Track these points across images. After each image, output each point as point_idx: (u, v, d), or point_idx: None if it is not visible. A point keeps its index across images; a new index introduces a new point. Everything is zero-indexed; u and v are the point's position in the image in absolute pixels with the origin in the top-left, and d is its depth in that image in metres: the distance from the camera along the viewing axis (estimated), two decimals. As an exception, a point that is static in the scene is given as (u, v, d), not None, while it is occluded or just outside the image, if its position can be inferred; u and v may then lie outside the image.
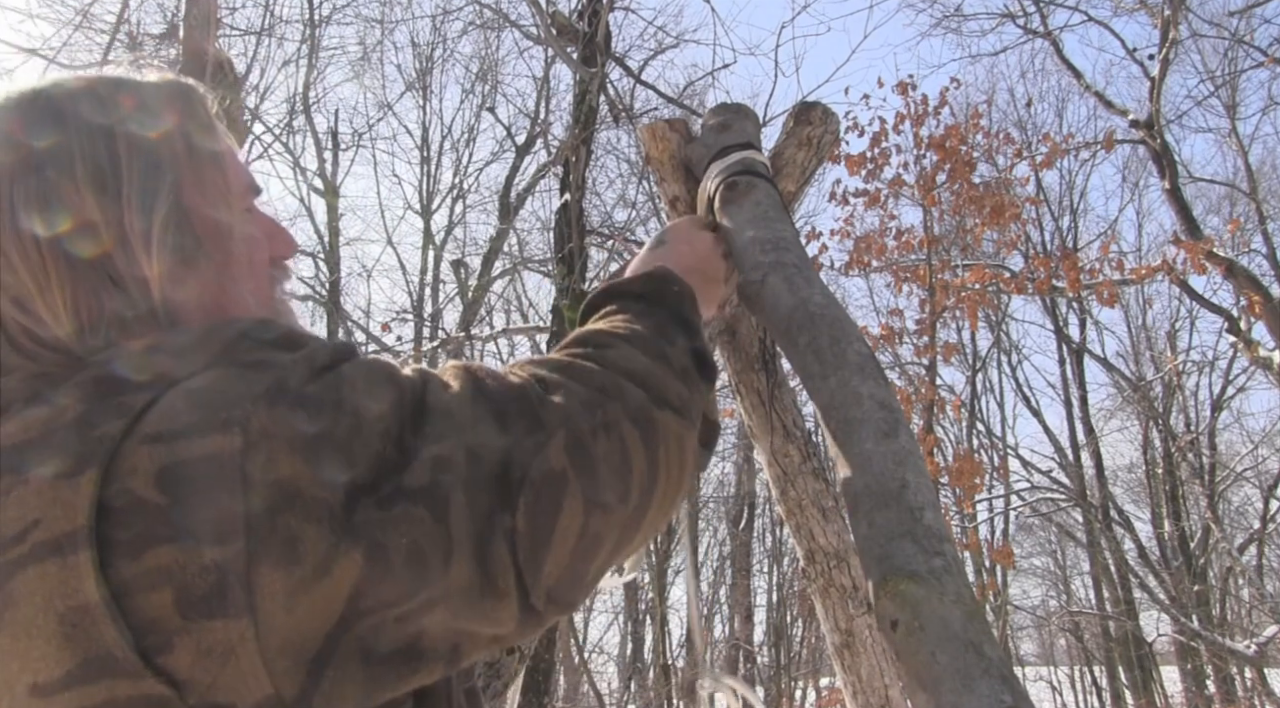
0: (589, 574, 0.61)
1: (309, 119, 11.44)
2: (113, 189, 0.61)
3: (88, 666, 0.47)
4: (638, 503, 0.62)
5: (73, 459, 0.49)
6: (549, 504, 0.56)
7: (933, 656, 0.64)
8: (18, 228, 0.58)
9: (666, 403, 0.67)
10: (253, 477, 0.48)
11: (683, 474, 0.68)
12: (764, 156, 1.17)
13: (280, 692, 0.48)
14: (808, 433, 1.62)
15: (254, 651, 0.47)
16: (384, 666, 0.52)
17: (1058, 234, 14.93)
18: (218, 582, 0.47)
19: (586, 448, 0.59)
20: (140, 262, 0.61)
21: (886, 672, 1.49)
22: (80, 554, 0.47)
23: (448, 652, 0.56)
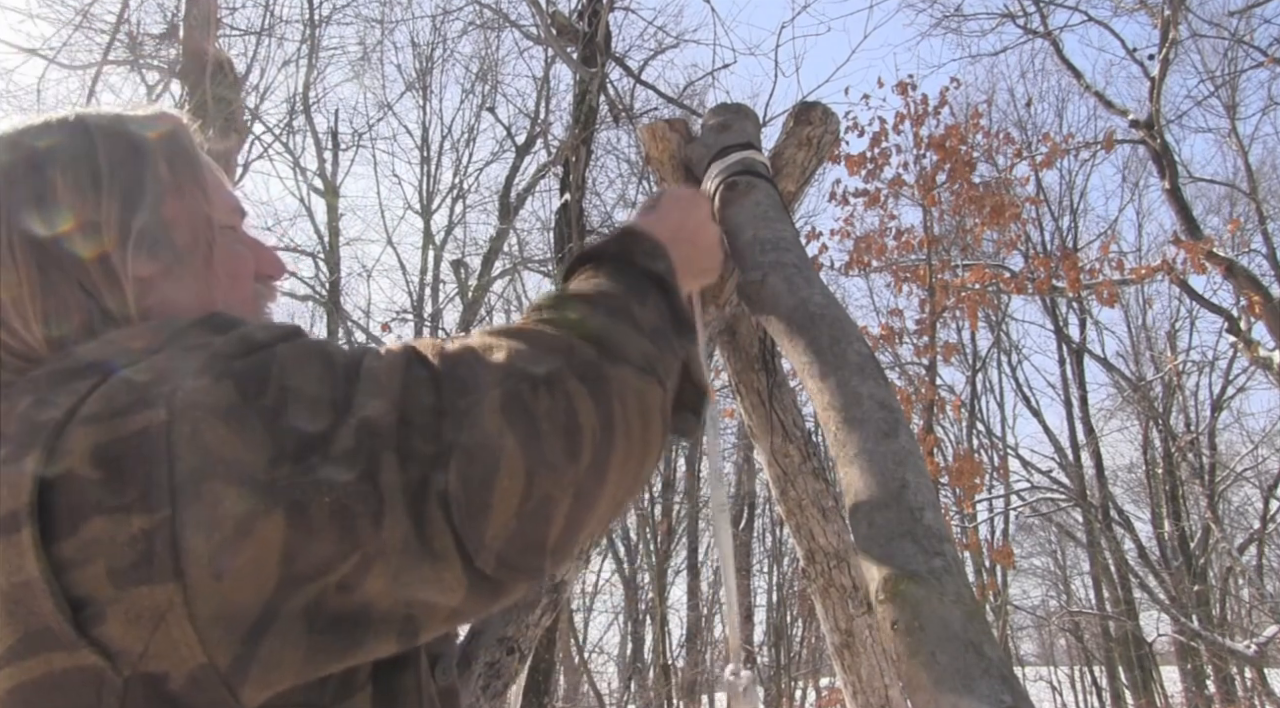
0: (548, 538, 0.57)
1: (309, 119, 11.44)
2: (92, 200, 0.63)
3: (27, 640, 0.48)
4: (592, 462, 0.59)
5: (19, 445, 0.50)
6: (484, 465, 0.54)
7: (933, 656, 0.64)
8: (17, 228, 0.61)
9: (624, 359, 0.64)
10: (177, 447, 0.49)
11: (649, 433, 0.64)
12: (764, 157, 1.17)
13: (214, 661, 0.48)
14: (808, 433, 1.62)
15: (183, 617, 0.48)
16: (329, 635, 0.51)
17: (1058, 234, 14.93)
18: (145, 550, 0.48)
19: (526, 406, 0.57)
20: (117, 270, 0.63)
21: (886, 672, 1.49)
22: (22, 532, 0.48)
23: (400, 623, 0.54)
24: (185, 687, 0.48)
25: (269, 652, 0.49)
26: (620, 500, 0.64)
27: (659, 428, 0.66)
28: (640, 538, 14.69)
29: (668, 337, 0.70)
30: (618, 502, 0.63)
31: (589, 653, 13.36)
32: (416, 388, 0.55)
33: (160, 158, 0.68)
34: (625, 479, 0.63)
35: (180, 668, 0.48)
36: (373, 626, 0.53)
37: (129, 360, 0.54)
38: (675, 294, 0.75)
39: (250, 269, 0.74)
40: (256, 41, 7.30)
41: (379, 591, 0.52)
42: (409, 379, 0.56)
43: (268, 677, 0.50)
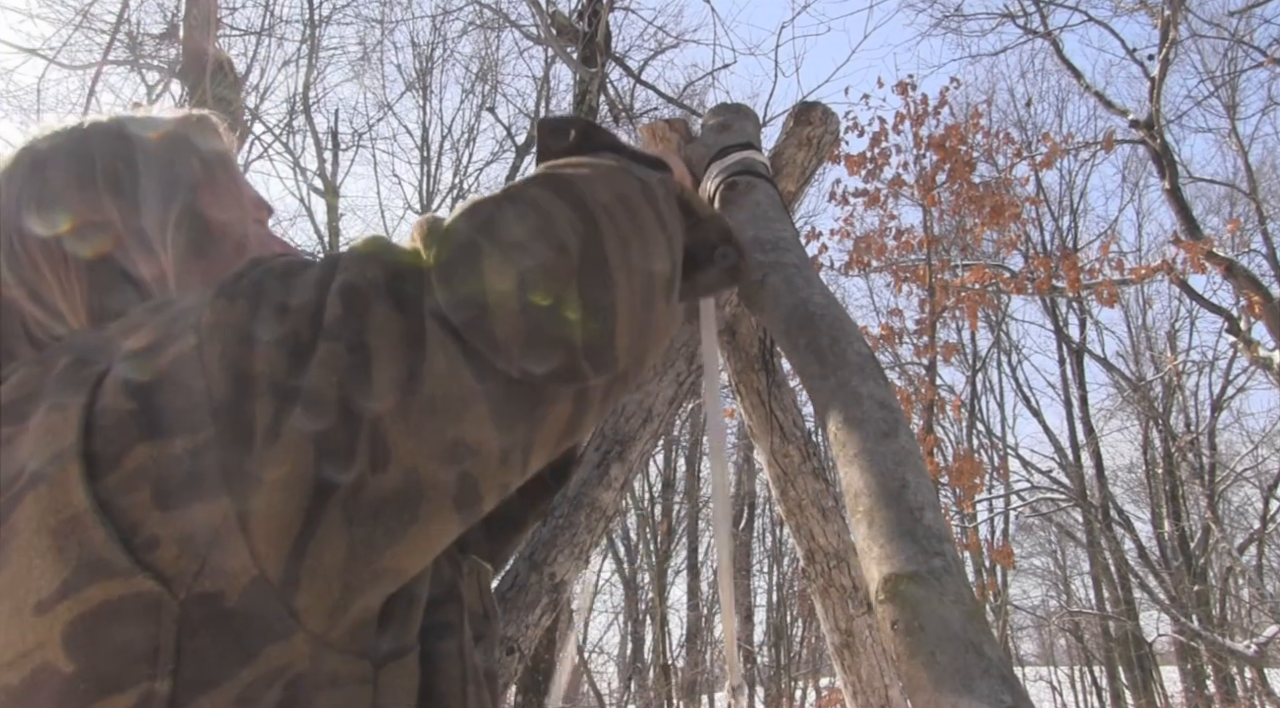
0: (570, 333, 0.55)
1: (309, 119, 11.44)
2: (128, 191, 0.66)
3: (80, 572, 0.49)
4: (582, 249, 0.57)
5: (63, 394, 0.52)
6: (465, 268, 0.54)
7: (932, 656, 0.64)
8: (35, 226, 0.64)
9: (582, 166, 0.63)
10: (210, 367, 0.50)
11: (638, 218, 0.62)
12: (764, 157, 1.17)
13: (266, 573, 0.49)
14: (807, 433, 1.62)
15: (235, 530, 0.48)
16: (375, 521, 0.50)
17: (1058, 234, 14.94)
18: (191, 469, 0.49)
19: (491, 218, 0.56)
20: (155, 258, 0.66)
21: (886, 672, 1.49)
22: (68, 469, 0.49)
23: (455, 485, 0.52)
24: (240, 603, 0.49)
25: (314, 557, 0.50)
26: (644, 301, 0.61)
27: (649, 216, 0.63)
28: (640, 538, 14.69)
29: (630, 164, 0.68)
30: (640, 301, 0.60)
31: (589, 653, 13.36)
32: (393, 248, 0.56)
33: (191, 154, 0.72)
34: (634, 271, 0.60)
35: (234, 584, 0.49)
36: (425, 496, 0.52)
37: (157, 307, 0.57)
38: (625, 148, 0.73)
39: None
40: (256, 41, 7.30)
41: (412, 450, 0.51)
42: (387, 245, 0.57)
43: (317, 584, 0.50)
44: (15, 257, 0.64)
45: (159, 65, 6.35)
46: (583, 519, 1.55)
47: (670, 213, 0.67)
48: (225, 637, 0.49)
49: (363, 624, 0.53)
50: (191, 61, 4.58)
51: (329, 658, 0.51)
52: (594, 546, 1.61)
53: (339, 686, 0.52)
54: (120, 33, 5.51)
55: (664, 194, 0.68)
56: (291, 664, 0.50)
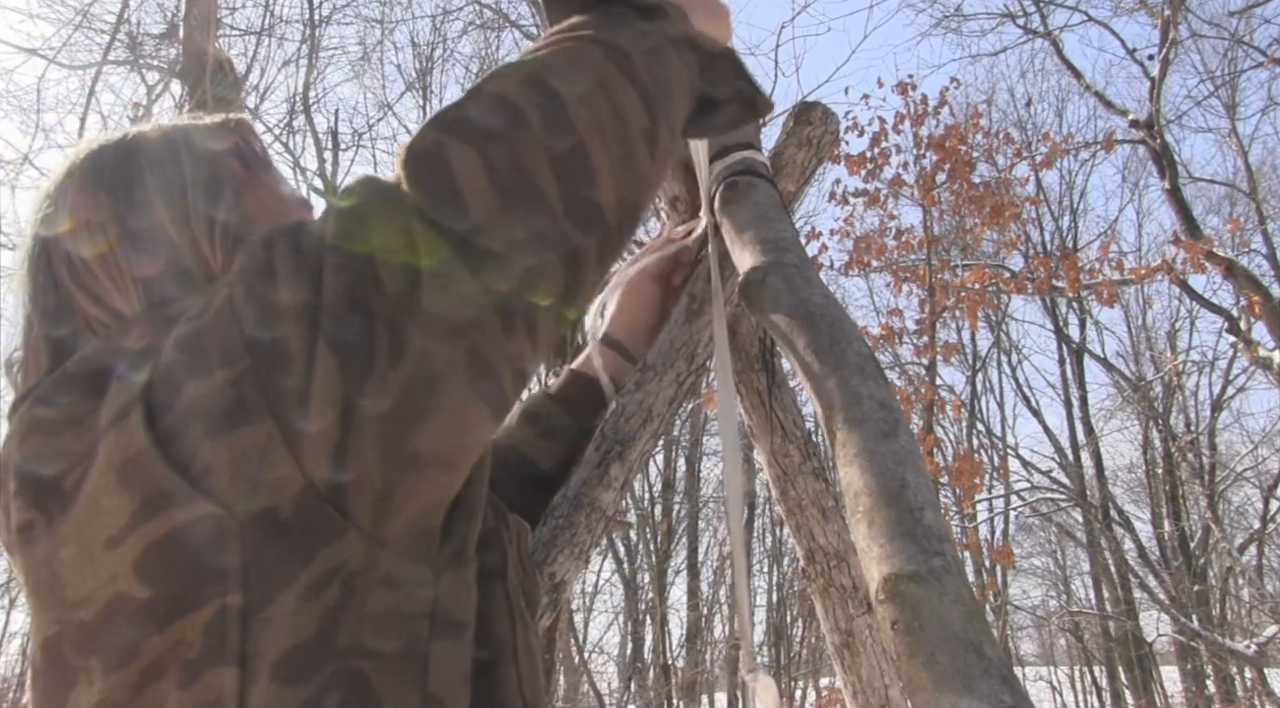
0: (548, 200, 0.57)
1: (309, 119, 11.43)
2: (179, 195, 0.71)
3: (147, 506, 0.53)
4: (547, 121, 0.59)
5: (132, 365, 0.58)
6: (433, 161, 0.57)
7: (932, 656, 0.64)
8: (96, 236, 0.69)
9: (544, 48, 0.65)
10: (239, 307, 0.55)
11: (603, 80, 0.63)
12: (764, 157, 1.17)
13: (312, 480, 0.53)
14: (807, 433, 1.62)
15: (282, 446, 0.53)
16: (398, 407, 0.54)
17: (1058, 234, 14.94)
18: (235, 396, 0.53)
19: (448, 115, 0.60)
20: (206, 253, 0.71)
21: (886, 672, 1.49)
22: (131, 415, 0.55)
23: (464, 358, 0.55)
24: (294, 514, 0.53)
25: (354, 452, 0.53)
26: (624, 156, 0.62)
27: (615, 74, 0.64)
28: (640, 538, 14.69)
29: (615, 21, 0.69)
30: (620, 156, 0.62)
31: (589, 653, 13.36)
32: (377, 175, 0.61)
33: (232, 156, 0.76)
34: (607, 129, 0.61)
35: (285, 496, 0.53)
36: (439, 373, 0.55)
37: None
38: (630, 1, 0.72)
39: None
40: (256, 41, 7.30)
41: (420, 334, 0.54)
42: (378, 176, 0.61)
43: (359, 479, 0.54)
44: (73, 265, 0.69)
45: (159, 65, 6.35)
46: (583, 519, 1.55)
47: (649, 63, 0.67)
48: (284, 545, 0.53)
49: (423, 530, 0.57)
50: (191, 61, 4.58)
51: (384, 558, 0.55)
52: (594, 545, 1.61)
53: (395, 586, 0.55)
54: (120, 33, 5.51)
55: (644, 46, 0.68)
56: (346, 563, 0.54)
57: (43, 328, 0.69)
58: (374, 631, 0.54)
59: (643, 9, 0.72)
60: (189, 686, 0.52)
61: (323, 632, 0.53)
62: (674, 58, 0.71)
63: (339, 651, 0.53)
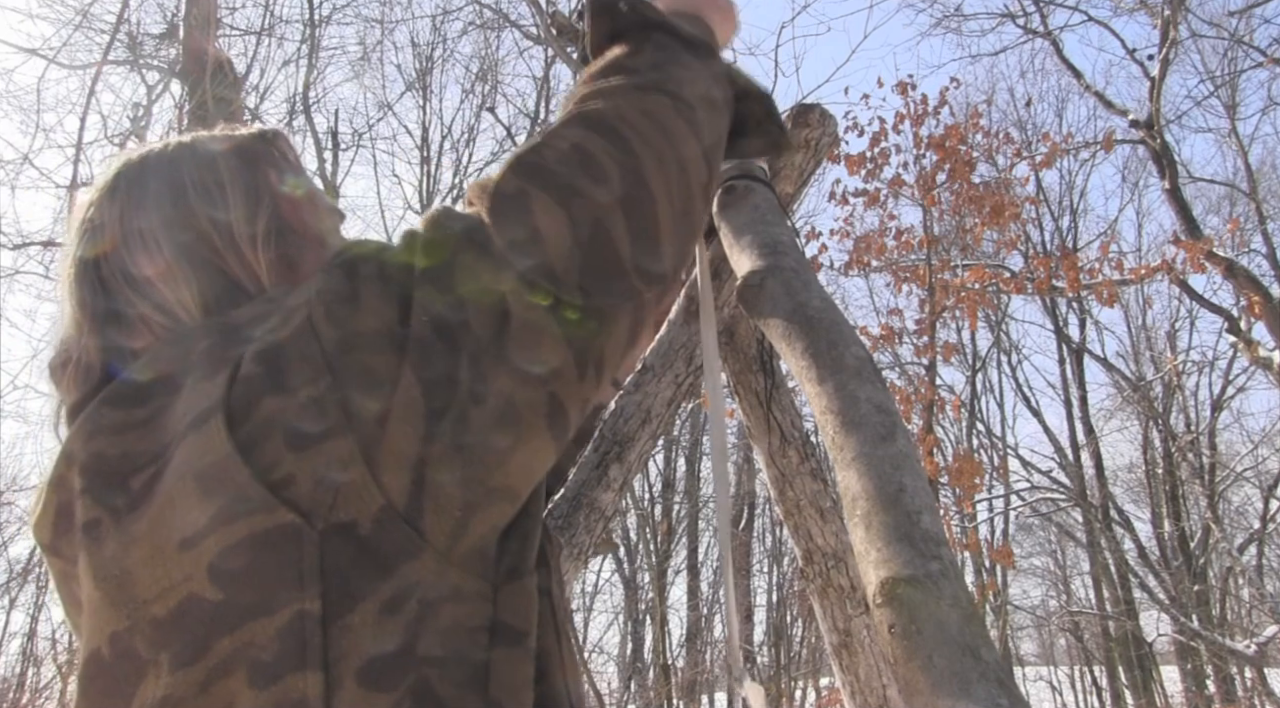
0: (621, 256, 0.61)
1: (309, 119, 11.44)
2: (221, 205, 0.74)
3: (226, 509, 0.55)
4: (623, 178, 0.62)
5: (212, 369, 0.60)
6: (518, 215, 0.60)
7: (929, 659, 0.64)
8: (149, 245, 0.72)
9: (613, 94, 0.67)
10: (319, 328, 0.58)
11: (671, 135, 0.66)
12: (761, 160, 1.18)
13: (392, 501, 0.55)
14: (806, 434, 1.62)
15: (361, 464, 0.55)
16: (480, 446, 0.56)
17: (1058, 234, 14.94)
18: (317, 413, 0.56)
19: (532, 163, 0.62)
20: (250, 260, 0.73)
21: (884, 672, 1.49)
22: (213, 421, 0.57)
23: (545, 404, 0.58)
24: (373, 530, 0.55)
25: (433, 480, 0.56)
26: (683, 209, 0.66)
27: (682, 128, 0.68)
28: (640, 538, 14.69)
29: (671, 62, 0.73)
30: (680, 210, 0.66)
31: (589, 653, 13.36)
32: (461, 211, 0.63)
33: (268, 167, 0.79)
34: (673, 185, 0.65)
35: (365, 513, 0.55)
36: (521, 418, 0.58)
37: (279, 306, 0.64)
38: (674, 28, 0.76)
39: None
40: (256, 41, 7.31)
41: (504, 380, 0.57)
42: (454, 209, 0.64)
43: (439, 506, 0.56)
44: (127, 271, 0.72)
45: (159, 65, 6.35)
46: (581, 520, 1.55)
47: (706, 114, 0.72)
48: (363, 558, 0.55)
49: (482, 549, 0.59)
50: (191, 61, 4.58)
51: (451, 574, 0.57)
52: (593, 546, 1.61)
53: (462, 600, 0.57)
54: (120, 33, 5.51)
55: (701, 95, 0.72)
56: (421, 580, 0.56)
57: (94, 334, 0.70)
58: (443, 642, 0.56)
59: (689, 43, 0.76)
60: (266, 687, 0.53)
61: (406, 643, 0.55)
62: (721, 102, 0.76)
63: (418, 661, 0.55)
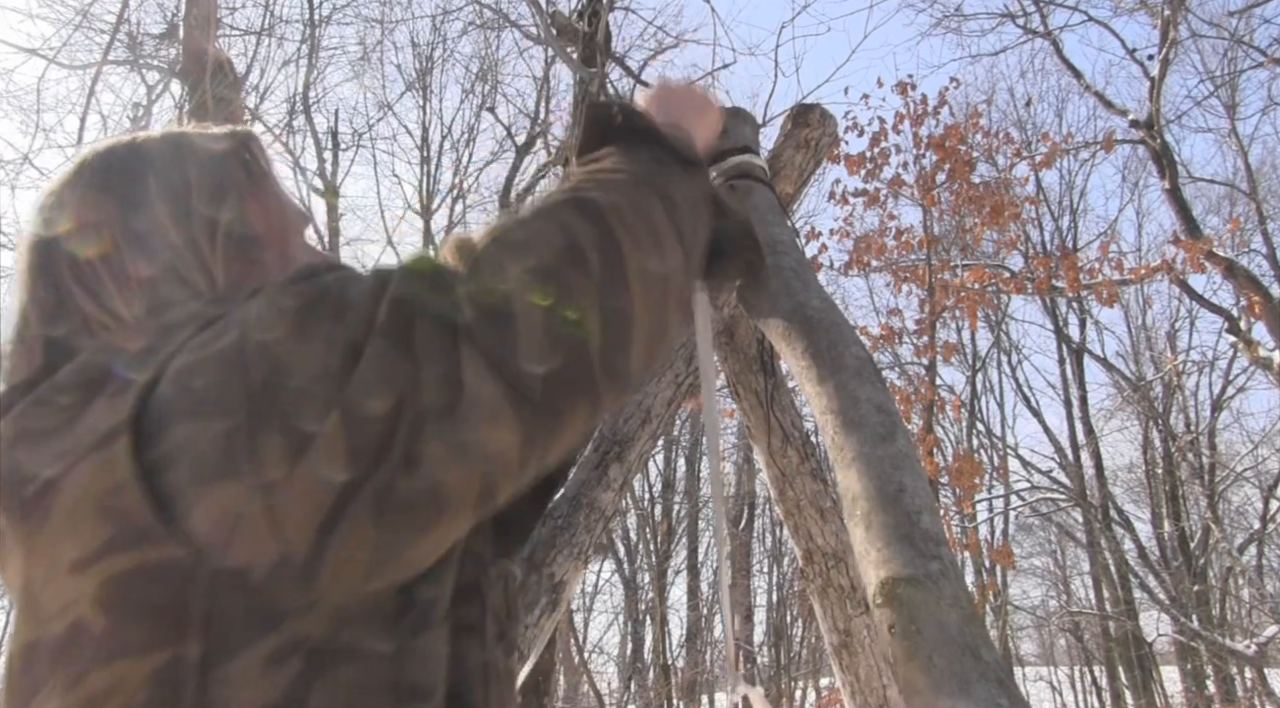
0: (589, 351, 0.58)
1: (309, 119, 11.42)
2: (181, 199, 0.72)
3: (119, 536, 0.52)
4: (603, 270, 0.60)
5: (128, 379, 0.57)
6: (493, 291, 0.57)
7: (930, 659, 0.64)
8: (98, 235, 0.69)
9: (609, 186, 0.66)
10: (249, 358, 0.54)
11: (658, 237, 0.65)
12: (761, 160, 1.18)
13: (289, 554, 0.52)
14: (806, 434, 1.62)
15: (260, 511, 0.51)
16: (402, 520, 0.53)
17: (1057, 234, 14.93)
18: (225, 447, 0.52)
19: (516, 238, 0.60)
20: (206, 260, 0.71)
21: (884, 672, 1.49)
22: (119, 441, 0.53)
23: (478, 486, 0.56)
24: (265, 580, 0.52)
25: (341, 544, 0.52)
26: (660, 317, 0.64)
27: (670, 233, 0.66)
28: (640, 538, 14.69)
29: (664, 167, 0.72)
30: (657, 317, 0.64)
31: (589, 653, 13.36)
32: (436, 268, 0.60)
33: (237, 166, 0.76)
34: (652, 287, 0.63)
35: (260, 561, 0.52)
36: (451, 499, 0.55)
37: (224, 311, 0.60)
38: (665, 140, 0.76)
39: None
40: (256, 41, 7.30)
41: (441, 455, 0.53)
42: (430, 265, 0.61)
43: (340, 571, 0.53)
44: (76, 264, 0.69)
45: (159, 65, 6.35)
46: (581, 520, 1.55)
47: (691, 223, 0.71)
48: (252, 607, 0.52)
49: (382, 604, 0.57)
50: (191, 61, 4.57)
51: (347, 630, 0.55)
52: (593, 546, 1.61)
53: (358, 658, 0.55)
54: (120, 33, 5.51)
55: (689, 203, 0.71)
56: (312, 635, 0.53)
57: (40, 325, 0.68)
58: (337, 700, 0.54)
59: (681, 156, 0.75)
60: None
61: (292, 697, 0.52)
62: (705, 217, 0.75)
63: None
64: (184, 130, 0.78)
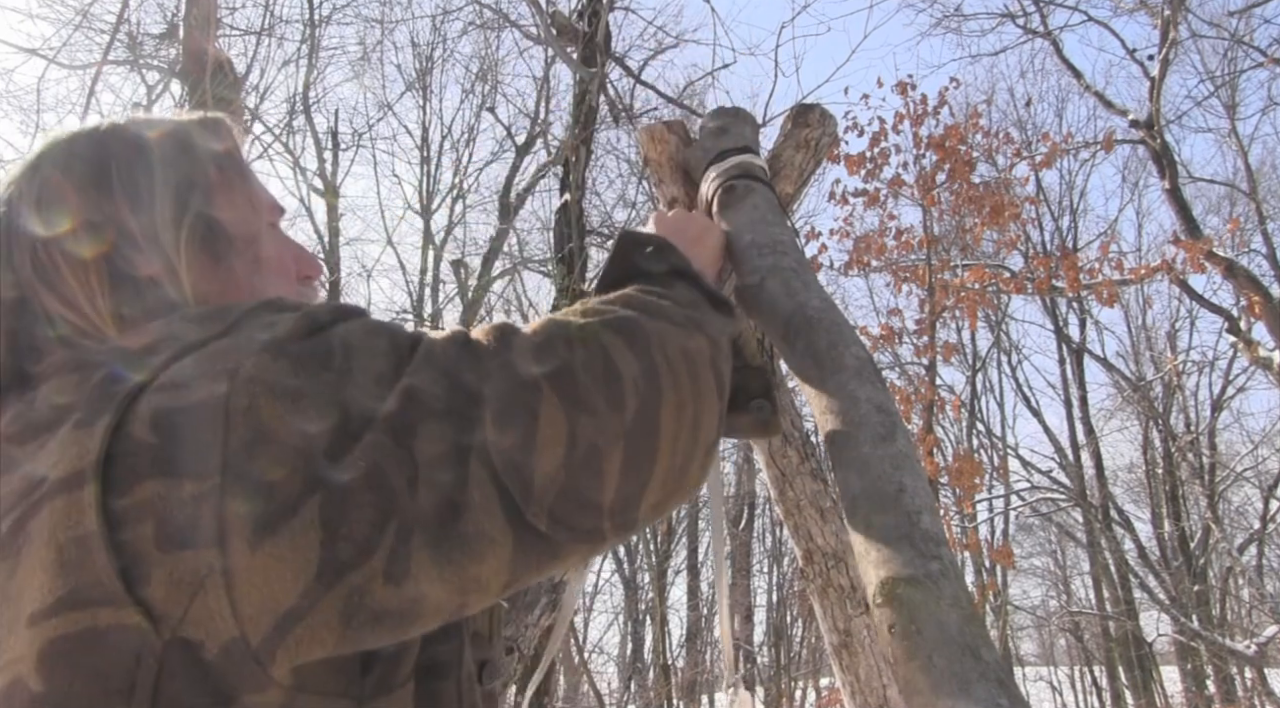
0: (602, 494, 0.56)
1: (309, 119, 11.43)
2: (146, 197, 0.67)
3: (77, 593, 0.49)
4: (638, 412, 0.57)
5: (93, 411, 0.52)
6: (522, 411, 0.54)
7: (929, 659, 0.64)
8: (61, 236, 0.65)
9: (662, 315, 0.64)
10: (233, 419, 0.50)
11: (699, 385, 0.63)
12: (761, 160, 1.18)
13: (246, 636, 0.49)
14: (806, 434, 1.62)
15: (220, 586, 0.48)
16: (372, 626, 0.51)
17: (1057, 234, 14.93)
18: (192, 514, 0.48)
19: (561, 357, 0.57)
20: (173, 261, 0.67)
21: (884, 672, 1.50)
22: (86, 488, 0.49)
23: (454, 608, 0.54)
24: (219, 657, 0.49)
25: (298, 640, 0.49)
26: (683, 466, 0.62)
27: (711, 382, 0.64)
28: (640, 538, 14.69)
29: (704, 311, 0.70)
30: (680, 466, 0.61)
31: (589, 653, 13.37)
32: (462, 358, 0.56)
33: (207, 158, 0.72)
34: (682, 436, 0.61)
35: (214, 638, 0.49)
36: (426, 615, 0.52)
37: (200, 339, 0.55)
38: (698, 279, 0.74)
39: (291, 267, 0.76)
40: (256, 41, 7.30)
41: (428, 572, 0.51)
42: (458, 352, 0.57)
43: (297, 658, 0.50)
44: (38, 258, 0.64)
45: (159, 65, 6.35)
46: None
47: (728, 373, 0.68)
48: (204, 682, 0.49)
49: (342, 666, 0.54)
50: (191, 61, 4.58)
51: (303, 698, 0.52)
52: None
53: None
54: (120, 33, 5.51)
55: (727, 351, 0.69)
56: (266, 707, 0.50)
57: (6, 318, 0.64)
58: None
59: (712, 298, 0.73)
60: None
61: None
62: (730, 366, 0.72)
63: None
64: (151, 118, 0.74)
